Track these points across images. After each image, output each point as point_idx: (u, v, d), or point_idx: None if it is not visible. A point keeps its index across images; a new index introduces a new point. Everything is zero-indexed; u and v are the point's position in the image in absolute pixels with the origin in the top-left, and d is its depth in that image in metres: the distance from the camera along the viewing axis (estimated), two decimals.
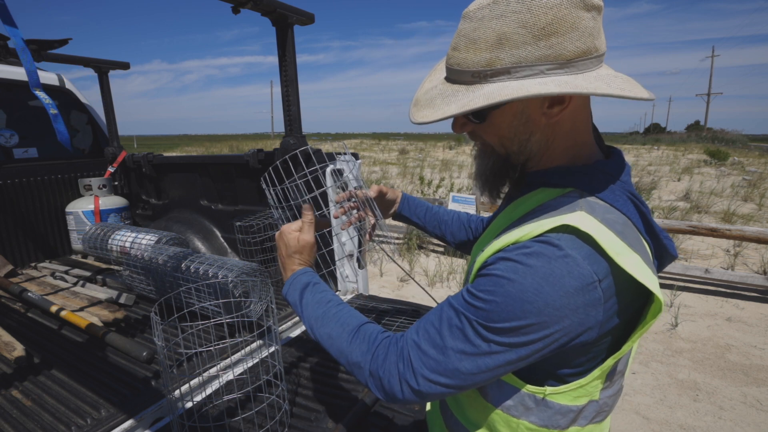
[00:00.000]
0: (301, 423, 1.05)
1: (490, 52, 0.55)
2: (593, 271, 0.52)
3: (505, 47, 0.54)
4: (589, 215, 0.55)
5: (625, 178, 0.63)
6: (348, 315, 0.71)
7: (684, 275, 3.94)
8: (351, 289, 1.94)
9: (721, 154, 14.76)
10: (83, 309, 1.66)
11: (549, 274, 0.52)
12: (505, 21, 0.53)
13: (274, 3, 1.60)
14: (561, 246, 0.53)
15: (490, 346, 0.55)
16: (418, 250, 5.13)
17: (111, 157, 2.71)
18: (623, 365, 0.65)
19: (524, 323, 0.53)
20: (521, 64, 0.54)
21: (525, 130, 0.62)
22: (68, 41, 2.46)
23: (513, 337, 0.54)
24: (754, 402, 2.31)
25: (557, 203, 0.60)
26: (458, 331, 0.57)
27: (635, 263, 0.54)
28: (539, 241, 0.55)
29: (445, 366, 0.57)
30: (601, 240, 0.53)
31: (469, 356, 0.56)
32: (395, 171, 12.43)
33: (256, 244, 1.96)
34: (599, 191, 0.60)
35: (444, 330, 0.59)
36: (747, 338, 3.02)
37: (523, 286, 0.53)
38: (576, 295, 0.52)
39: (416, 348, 0.60)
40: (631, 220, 0.59)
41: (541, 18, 0.52)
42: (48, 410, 1.08)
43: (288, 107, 1.83)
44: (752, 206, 7.34)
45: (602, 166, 0.63)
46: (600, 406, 0.63)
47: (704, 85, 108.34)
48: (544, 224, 0.56)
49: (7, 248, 2.30)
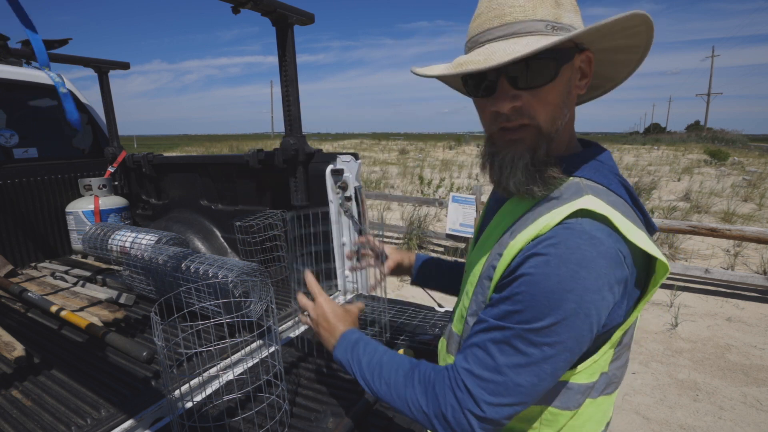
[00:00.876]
0: (301, 423, 1.05)
1: (555, 9, 0.59)
2: (618, 249, 0.55)
3: (563, 9, 0.60)
4: (596, 198, 0.58)
5: (610, 163, 0.67)
6: (401, 359, 0.70)
7: (684, 275, 3.94)
8: (351, 289, 1.94)
9: (721, 154, 14.76)
10: (83, 309, 1.66)
11: (582, 258, 0.53)
12: None
13: (274, 3, 1.60)
14: (585, 230, 0.55)
15: (543, 350, 0.55)
16: (419, 249, 5.13)
17: (111, 157, 2.71)
18: (629, 338, 0.66)
19: (568, 314, 0.53)
20: (573, 26, 0.60)
21: (567, 101, 0.63)
22: (68, 41, 2.46)
23: (562, 332, 0.54)
24: (754, 402, 2.31)
25: (561, 192, 0.62)
26: (506, 346, 0.56)
27: (643, 238, 0.57)
28: (563, 228, 0.56)
29: (505, 386, 0.56)
30: (614, 220, 0.56)
31: (526, 368, 0.55)
32: (395, 171, 12.43)
33: (256, 244, 1.96)
34: (596, 177, 0.64)
35: (491, 349, 0.57)
36: (747, 338, 3.02)
37: (559, 277, 0.53)
38: (610, 274, 0.54)
39: (469, 374, 0.58)
40: (624, 200, 0.63)
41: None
42: (48, 410, 1.08)
43: (288, 107, 1.82)
44: (752, 206, 7.34)
45: (591, 154, 0.67)
46: (609, 378, 0.65)
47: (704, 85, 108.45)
48: (560, 212, 0.58)
49: (7, 248, 2.30)
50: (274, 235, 1.95)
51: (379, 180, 10.21)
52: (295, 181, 1.87)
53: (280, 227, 1.96)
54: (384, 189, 9.39)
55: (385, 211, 7.31)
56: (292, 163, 1.85)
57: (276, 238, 1.97)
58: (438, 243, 5.32)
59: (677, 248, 4.85)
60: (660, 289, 3.90)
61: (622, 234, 0.56)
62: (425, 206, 6.11)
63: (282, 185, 2.01)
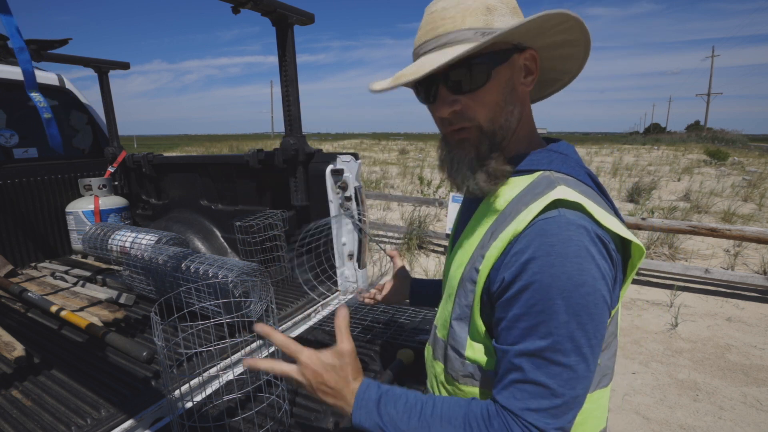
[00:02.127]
0: (301, 423, 1.05)
1: (485, 16, 0.61)
2: (602, 235, 0.57)
3: (495, 14, 0.62)
4: (568, 188, 0.59)
5: (576, 156, 0.69)
6: (447, 408, 0.61)
7: (684, 275, 3.94)
8: (351, 289, 1.94)
9: (721, 154, 14.76)
10: (83, 309, 1.66)
11: (578, 249, 0.54)
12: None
13: (274, 3, 1.60)
14: (569, 219, 0.56)
15: (582, 352, 0.55)
16: (418, 250, 5.13)
17: (111, 157, 2.71)
18: (614, 326, 0.66)
19: (590, 307, 0.54)
20: (504, 28, 0.60)
21: (511, 100, 0.65)
22: (68, 41, 2.46)
23: (590, 327, 0.55)
24: (754, 402, 2.31)
25: (534, 187, 0.63)
26: (548, 366, 0.55)
27: (617, 224, 0.59)
28: (547, 221, 0.57)
29: (567, 405, 0.56)
30: (589, 208, 0.57)
31: (576, 378, 0.55)
32: (395, 171, 12.43)
33: (256, 244, 1.96)
34: (564, 169, 0.65)
35: (536, 376, 0.56)
36: (747, 338, 3.02)
37: (567, 274, 0.54)
38: (603, 259, 0.56)
39: (528, 412, 0.56)
40: (593, 190, 0.65)
41: (511, 1, 0.64)
42: (48, 410, 1.08)
43: (288, 107, 1.83)
44: (752, 206, 7.34)
45: (556, 148, 0.69)
46: (602, 370, 0.65)
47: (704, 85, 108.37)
48: (537, 205, 0.58)
49: (7, 248, 2.30)
50: (274, 235, 1.95)
51: (379, 180, 10.20)
52: (295, 181, 1.87)
53: (280, 227, 1.96)
54: (384, 189, 9.39)
55: (385, 211, 7.31)
56: (292, 163, 1.85)
57: (276, 238, 1.97)
58: (438, 243, 5.32)
59: (677, 248, 4.85)
60: (660, 289, 3.90)
61: (597, 221, 0.57)
62: (425, 206, 6.11)
63: (282, 185, 2.01)
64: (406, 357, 1.27)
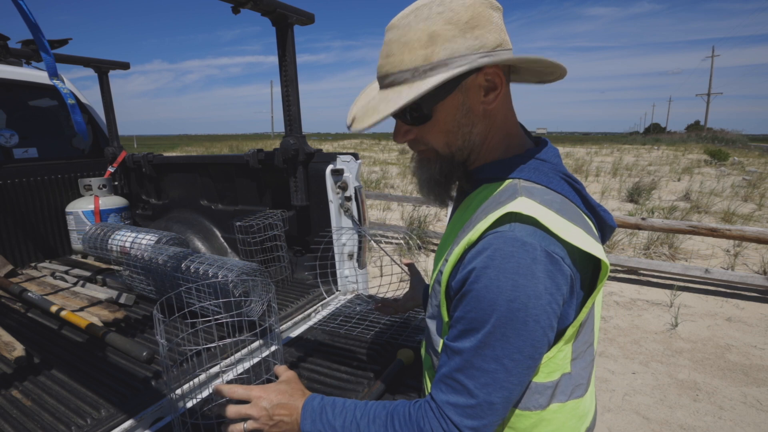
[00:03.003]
0: None
1: (425, 49, 0.59)
2: (551, 251, 0.55)
3: (438, 42, 0.58)
4: (528, 199, 0.59)
5: (555, 161, 0.67)
6: (374, 409, 0.67)
7: (684, 275, 3.94)
8: (351, 289, 1.94)
9: (721, 154, 14.76)
10: (83, 309, 1.66)
11: (517, 266, 0.54)
12: (431, 22, 0.58)
13: (274, 3, 1.60)
14: (516, 236, 0.55)
15: (503, 363, 0.56)
16: (418, 250, 5.13)
17: (111, 157, 2.71)
18: (588, 335, 0.65)
19: (518, 324, 0.54)
20: (455, 55, 0.58)
21: (467, 121, 0.65)
22: (68, 41, 2.46)
23: (516, 342, 0.55)
24: (754, 402, 2.31)
25: (499, 195, 0.63)
26: (470, 369, 0.58)
27: (578, 235, 0.57)
28: (494, 235, 0.57)
29: (480, 408, 0.58)
30: (543, 220, 0.56)
31: (493, 385, 0.57)
32: (395, 171, 12.43)
33: (256, 244, 1.96)
34: (534, 176, 0.64)
35: (458, 376, 0.59)
36: (747, 338, 3.02)
37: (500, 289, 0.54)
38: (547, 278, 0.54)
39: (448, 405, 0.60)
40: (567, 198, 0.64)
41: (463, 15, 0.58)
42: (48, 410, 1.08)
43: (288, 107, 1.83)
44: (752, 206, 7.34)
45: (533, 153, 0.67)
46: (575, 379, 0.64)
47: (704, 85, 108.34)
48: (490, 218, 0.58)
49: (7, 248, 2.30)
50: (274, 235, 1.95)
51: (379, 180, 10.20)
52: (295, 181, 1.87)
53: (280, 227, 1.96)
54: (384, 189, 9.39)
55: (385, 211, 7.31)
56: (292, 163, 1.85)
57: (276, 238, 1.97)
58: (438, 243, 5.32)
59: (677, 248, 4.85)
60: (660, 289, 3.90)
61: (553, 234, 0.56)
62: (425, 206, 6.11)
63: (282, 185, 2.01)
64: (406, 357, 1.27)
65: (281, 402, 0.73)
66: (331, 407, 0.70)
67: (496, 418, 0.58)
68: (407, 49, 0.60)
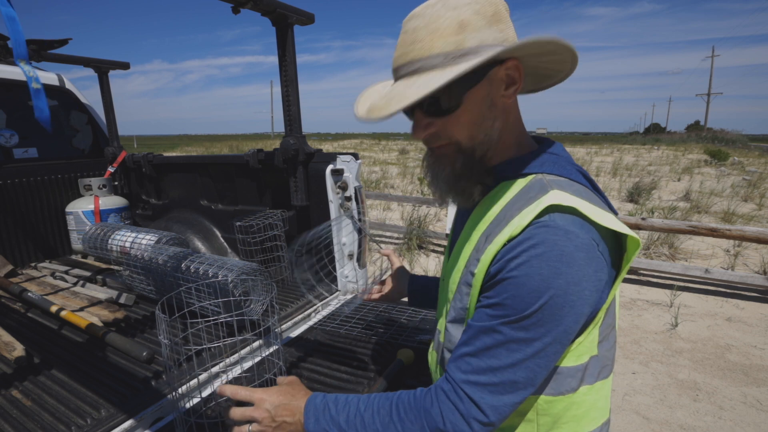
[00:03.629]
0: None
1: (456, 36, 0.59)
2: (591, 238, 0.57)
3: (468, 31, 0.60)
4: (561, 192, 0.60)
5: (565, 154, 0.69)
6: (377, 401, 0.67)
7: (684, 275, 3.94)
8: (351, 289, 1.94)
9: (721, 154, 14.76)
10: (83, 309, 1.66)
11: (561, 254, 0.55)
12: (461, 11, 0.60)
13: (274, 3, 1.60)
14: (559, 225, 0.56)
15: (533, 345, 0.57)
16: (418, 250, 5.13)
17: (111, 157, 2.71)
18: (611, 317, 0.66)
19: (555, 308, 0.55)
20: (484, 44, 0.60)
21: (491, 114, 0.65)
22: (68, 41, 2.46)
23: (550, 326, 0.56)
24: (754, 402, 2.31)
25: (527, 191, 0.63)
26: (498, 348, 0.58)
27: (612, 220, 0.59)
28: (537, 227, 0.57)
29: (502, 386, 0.58)
30: (583, 209, 0.58)
31: (520, 364, 0.58)
32: (395, 171, 12.43)
33: (256, 244, 1.96)
34: (556, 170, 0.66)
35: (484, 355, 0.60)
36: (747, 338, 3.02)
37: (541, 276, 0.55)
38: (588, 265, 0.56)
39: (468, 384, 0.60)
40: (586, 187, 0.66)
41: (489, 8, 0.61)
42: (48, 410, 1.08)
43: (288, 107, 1.83)
44: (752, 206, 7.34)
45: (546, 149, 0.69)
46: (601, 361, 0.66)
47: (704, 85, 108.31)
48: (530, 211, 0.59)
49: (7, 248, 2.30)
50: (274, 235, 1.95)
51: (379, 180, 10.20)
52: (295, 181, 1.87)
53: (280, 227, 1.96)
54: (384, 189, 9.39)
55: (385, 211, 7.31)
56: (292, 163, 1.85)
57: (276, 238, 1.97)
58: (438, 243, 5.32)
59: (677, 248, 4.85)
60: (660, 289, 3.90)
61: (592, 221, 0.58)
62: (425, 206, 6.11)
63: (282, 185, 2.01)
64: (406, 357, 1.27)
65: (283, 403, 0.73)
66: (333, 403, 0.70)
67: (516, 398, 0.59)
68: (437, 35, 0.60)
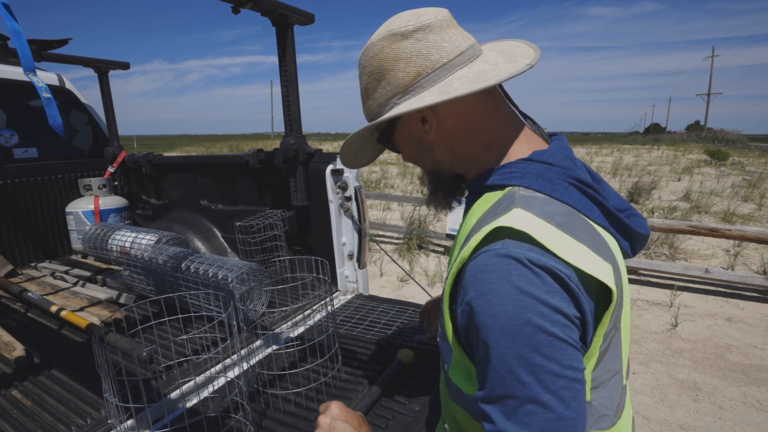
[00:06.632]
0: (301, 423, 1.05)
1: (366, 102, 0.69)
2: (553, 267, 0.49)
3: (370, 96, 0.68)
4: (525, 211, 0.54)
5: (565, 164, 0.60)
6: None
7: (684, 275, 3.94)
8: (351, 289, 1.94)
9: (721, 154, 14.76)
10: (83, 309, 1.67)
11: (519, 286, 0.48)
12: (363, 77, 0.68)
13: (274, 3, 1.60)
14: (510, 253, 0.50)
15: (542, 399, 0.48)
16: (418, 250, 5.13)
17: (111, 157, 2.71)
18: (612, 363, 0.58)
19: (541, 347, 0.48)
20: (379, 104, 0.67)
21: (424, 148, 0.69)
22: (68, 41, 2.46)
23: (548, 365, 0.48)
24: (754, 402, 2.31)
25: (497, 206, 0.58)
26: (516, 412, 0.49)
27: (579, 253, 0.51)
28: (488, 256, 0.51)
29: None
30: (538, 236, 0.50)
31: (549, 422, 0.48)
32: (395, 171, 12.43)
33: (256, 244, 1.96)
34: (537, 184, 0.58)
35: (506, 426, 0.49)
36: (747, 338, 3.02)
37: (509, 314, 0.48)
38: (552, 293, 0.48)
39: None
40: (576, 208, 0.57)
41: (374, 64, 0.64)
42: (48, 410, 1.08)
43: (288, 107, 1.83)
44: (752, 206, 7.34)
45: (539, 156, 0.61)
46: (596, 409, 0.57)
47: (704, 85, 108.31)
48: (482, 232, 0.54)
49: (7, 248, 2.30)
50: (274, 235, 1.95)
51: (379, 180, 10.20)
52: (295, 181, 1.87)
53: (280, 227, 1.96)
54: (384, 189, 9.39)
55: (385, 211, 7.31)
56: (292, 163, 1.85)
57: (276, 238, 1.97)
58: (438, 243, 5.32)
59: (677, 248, 4.85)
60: (660, 289, 3.90)
61: (550, 251, 0.50)
62: (425, 206, 6.11)
63: (282, 185, 2.01)
64: (406, 357, 1.27)
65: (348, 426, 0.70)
66: None
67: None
68: (363, 100, 0.71)
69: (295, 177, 1.87)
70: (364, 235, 1.90)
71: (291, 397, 1.14)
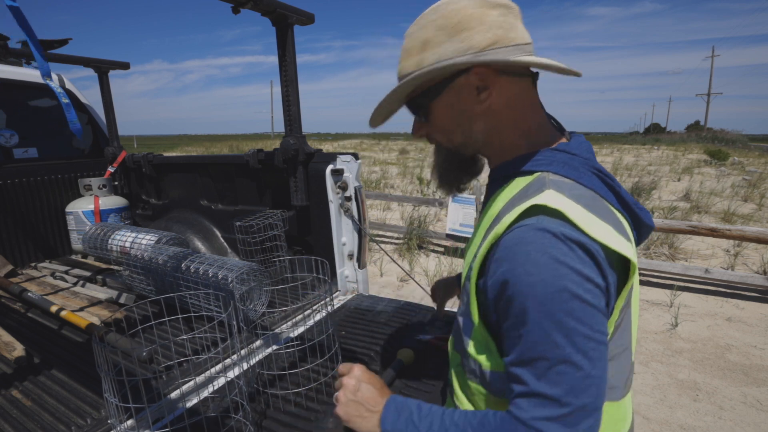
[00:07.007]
0: (301, 423, 1.05)
1: (418, 55, 0.65)
2: (585, 242, 0.54)
3: (429, 49, 0.64)
4: (557, 193, 0.58)
5: (587, 155, 0.66)
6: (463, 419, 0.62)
7: (684, 275, 3.94)
8: (351, 289, 1.94)
9: (721, 154, 14.75)
10: (83, 309, 1.67)
11: (555, 256, 0.53)
12: (425, 30, 0.64)
13: (274, 3, 1.60)
14: (545, 227, 0.55)
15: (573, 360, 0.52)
16: (418, 250, 5.13)
17: (111, 157, 2.71)
18: (624, 338, 0.63)
19: (575, 312, 0.52)
20: (441, 60, 0.63)
21: (464, 120, 0.68)
22: (68, 41, 2.46)
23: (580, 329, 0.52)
24: (754, 402, 2.31)
25: (527, 189, 0.62)
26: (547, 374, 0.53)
27: (606, 232, 0.56)
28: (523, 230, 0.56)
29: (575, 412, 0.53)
30: (570, 214, 0.55)
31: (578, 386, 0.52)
32: (395, 171, 12.43)
33: (256, 244, 1.96)
34: (564, 170, 0.63)
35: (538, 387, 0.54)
36: (747, 338, 3.02)
37: (544, 282, 0.53)
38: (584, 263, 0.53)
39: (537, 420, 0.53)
40: (599, 194, 0.62)
41: (452, 19, 0.62)
42: (48, 410, 1.08)
43: (288, 107, 1.83)
44: (752, 206, 7.34)
45: (564, 147, 0.66)
46: (609, 381, 0.61)
47: (704, 85, 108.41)
48: (517, 210, 0.58)
49: (7, 248, 2.30)
50: (274, 235, 1.95)
51: (379, 180, 10.20)
52: (295, 181, 1.87)
53: (280, 227, 1.96)
54: (384, 189, 9.39)
55: (385, 211, 7.31)
56: (292, 163, 1.85)
57: (276, 238, 1.97)
58: (438, 243, 5.32)
59: (677, 248, 4.85)
60: (660, 289, 3.89)
61: (579, 228, 0.54)
62: (425, 206, 6.11)
63: (282, 185, 2.01)
64: (406, 357, 1.27)
65: (372, 386, 0.73)
66: (416, 408, 0.66)
67: (596, 416, 0.54)
68: (407, 56, 0.67)
69: (295, 177, 1.87)
70: (364, 235, 1.90)
71: (291, 397, 1.14)
